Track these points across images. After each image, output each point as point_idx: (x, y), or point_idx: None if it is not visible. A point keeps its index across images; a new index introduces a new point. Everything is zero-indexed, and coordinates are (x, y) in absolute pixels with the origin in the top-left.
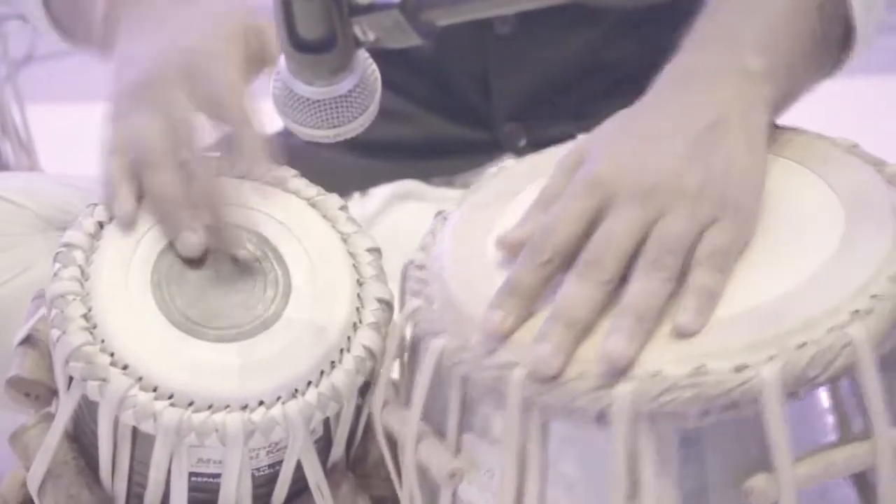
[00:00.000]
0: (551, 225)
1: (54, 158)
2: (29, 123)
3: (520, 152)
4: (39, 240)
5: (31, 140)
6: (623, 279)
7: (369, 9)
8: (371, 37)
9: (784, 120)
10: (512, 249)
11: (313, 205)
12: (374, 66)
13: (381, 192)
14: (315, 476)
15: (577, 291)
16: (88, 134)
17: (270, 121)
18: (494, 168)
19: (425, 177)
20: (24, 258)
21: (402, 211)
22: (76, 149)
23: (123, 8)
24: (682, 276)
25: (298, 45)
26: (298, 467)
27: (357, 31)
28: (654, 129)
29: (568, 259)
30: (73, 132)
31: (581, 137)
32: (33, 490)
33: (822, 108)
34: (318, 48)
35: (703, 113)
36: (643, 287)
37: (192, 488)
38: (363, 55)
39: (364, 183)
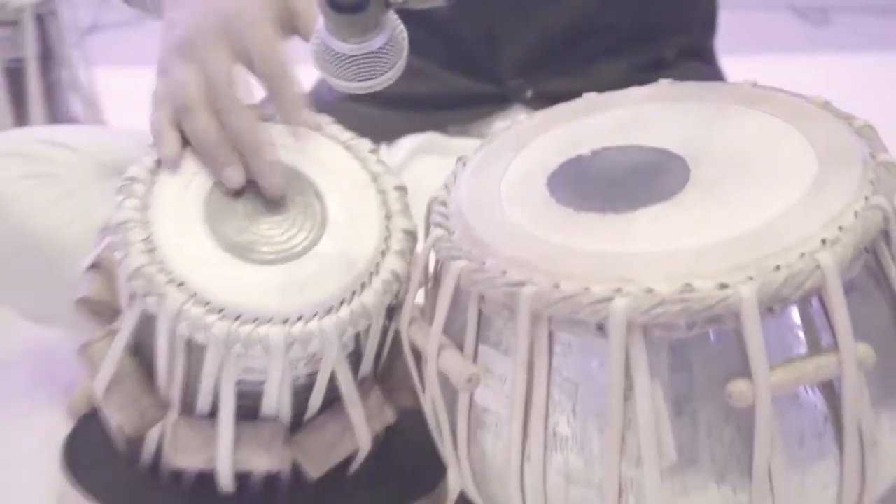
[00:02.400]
0: None
1: (117, 115)
2: (95, 84)
3: (527, 104)
4: (103, 185)
5: (96, 98)
6: None
7: None
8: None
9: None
10: None
11: (347, 147)
12: (402, 26)
13: (406, 144)
14: (347, 386)
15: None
16: (145, 93)
17: (305, 81)
18: (507, 121)
19: (443, 127)
20: (88, 202)
21: (425, 161)
22: (136, 106)
23: None
24: None
25: (335, 6)
26: (332, 378)
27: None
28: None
29: None
30: (133, 92)
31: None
32: (99, 395)
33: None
34: (352, 9)
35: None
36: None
37: (239, 395)
38: (392, 16)
39: (390, 135)
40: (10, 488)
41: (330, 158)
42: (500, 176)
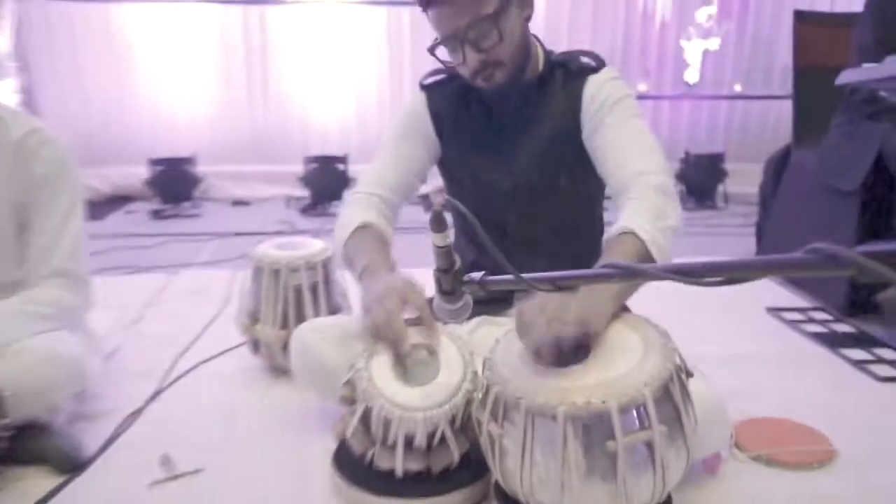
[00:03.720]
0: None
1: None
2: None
3: None
4: (351, 342)
5: (347, 297)
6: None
7: (467, 281)
8: (467, 289)
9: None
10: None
11: (446, 333)
12: (470, 298)
13: (475, 321)
14: (448, 434)
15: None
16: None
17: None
18: None
19: (493, 313)
20: (346, 348)
21: (484, 329)
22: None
23: (363, 276)
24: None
25: (443, 292)
26: (443, 431)
27: (463, 287)
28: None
29: None
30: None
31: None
32: (348, 434)
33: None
34: (448, 292)
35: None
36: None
37: (405, 437)
38: (467, 296)
39: (470, 317)
40: (307, 476)
41: (441, 339)
42: (515, 344)
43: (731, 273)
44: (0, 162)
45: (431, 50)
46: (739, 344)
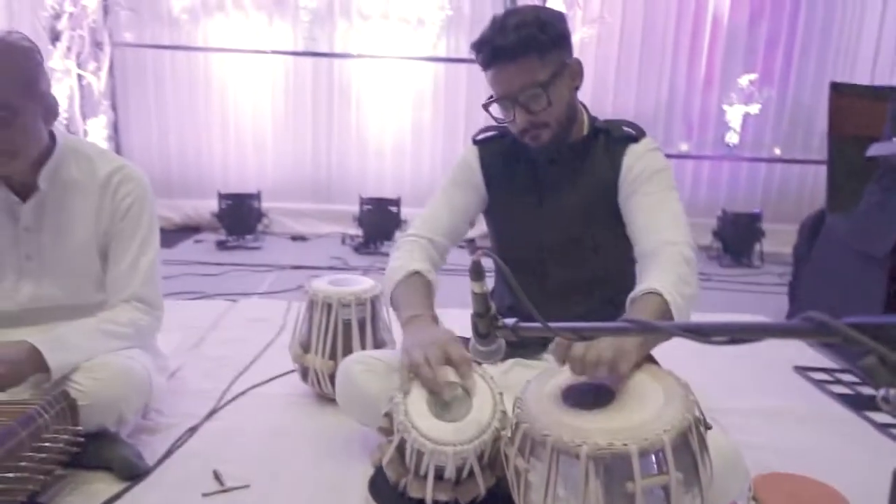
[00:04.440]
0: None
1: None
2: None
3: None
4: (392, 375)
5: (391, 332)
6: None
7: (501, 326)
8: (500, 334)
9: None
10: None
11: (480, 373)
12: (503, 342)
13: (509, 362)
14: (476, 468)
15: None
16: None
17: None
18: (549, 357)
19: (528, 356)
20: (386, 380)
21: (516, 371)
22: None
23: (408, 323)
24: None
25: (479, 335)
26: (471, 466)
27: (497, 331)
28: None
29: None
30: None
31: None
32: (384, 463)
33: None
34: (484, 335)
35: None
36: None
37: (435, 470)
38: (500, 340)
39: (503, 359)
40: (346, 498)
41: (475, 379)
42: (545, 386)
43: (735, 334)
44: (88, 196)
45: (486, 106)
46: (765, 400)
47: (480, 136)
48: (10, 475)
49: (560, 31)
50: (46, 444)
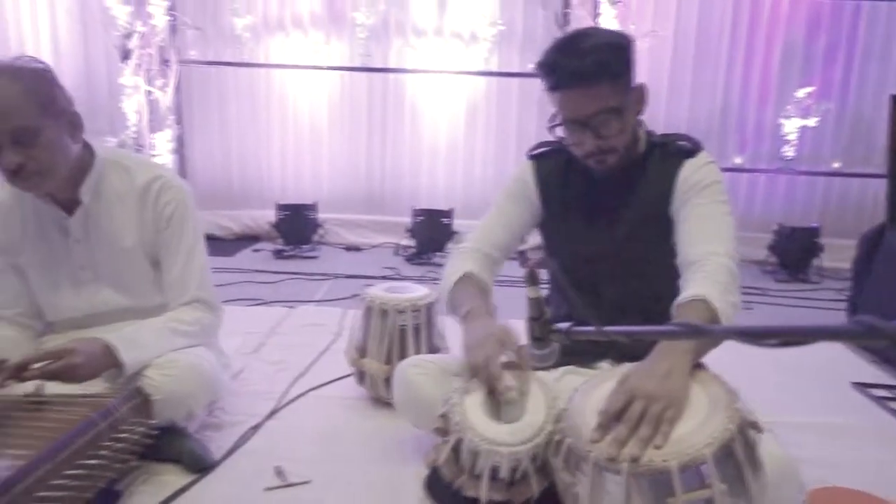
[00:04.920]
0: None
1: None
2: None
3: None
4: (448, 378)
5: (445, 338)
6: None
7: (555, 330)
8: (555, 338)
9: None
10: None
11: (534, 378)
12: (558, 346)
13: (562, 370)
14: (531, 469)
15: (623, 428)
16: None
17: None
18: (603, 366)
19: (580, 364)
20: (442, 383)
21: (568, 378)
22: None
23: (466, 318)
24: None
25: (533, 337)
26: (524, 466)
27: (552, 336)
28: (650, 372)
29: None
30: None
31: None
32: (439, 462)
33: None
34: (538, 339)
35: (664, 364)
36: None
37: (491, 471)
38: (555, 344)
39: (555, 366)
40: (399, 497)
41: (529, 382)
42: (589, 398)
43: (786, 337)
44: (129, 205)
45: (551, 127)
46: (822, 414)
47: (536, 151)
48: (92, 462)
49: (630, 56)
50: (123, 436)
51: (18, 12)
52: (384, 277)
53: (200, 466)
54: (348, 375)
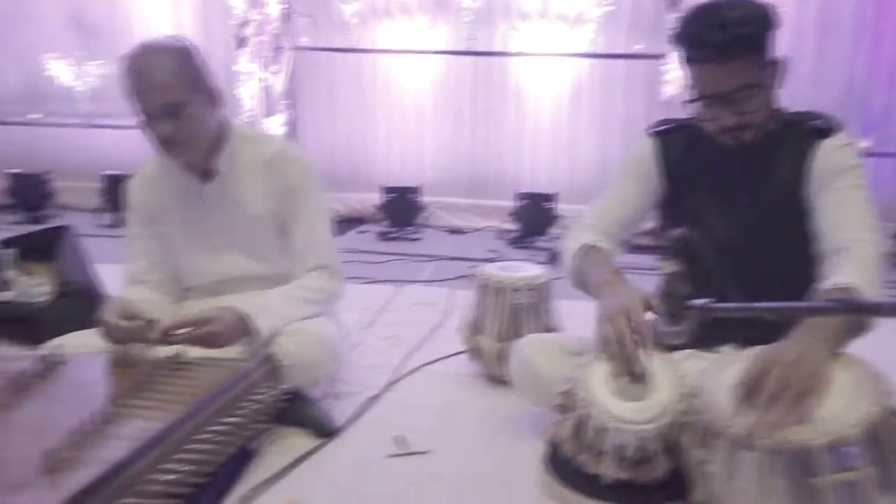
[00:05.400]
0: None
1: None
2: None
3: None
4: (570, 358)
5: (560, 318)
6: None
7: (692, 306)
8: (691, 314)
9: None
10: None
11: (662, 356)
12: (691, 324)
13: (682, 354)
14: (658, 448)
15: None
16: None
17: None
18: (724, 350)
19: (703, 348)
20: (562, 363)
21: (690, 363)
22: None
23: (598, 289)
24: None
25: (669, 314)
26: (651, 449)
27: (688, 311)
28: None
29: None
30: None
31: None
32: (565, 439)
33: None
34: (672, 314)
35: (805, 341)
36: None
37: (616, 449)
38: (689, 319)
39: (676, 349)
40: (515, 472)
41: (656, 361)
42: (723, 375)
43: None
44: (256, 175)
45: (689, 101)
46: None
47: (660, 128)
48: (232, 420)
49: (774, 26)
50: (258, 398)
51: (142, 7)
52: (487, 260)
53: (325, 432)
54: (461, 352)
